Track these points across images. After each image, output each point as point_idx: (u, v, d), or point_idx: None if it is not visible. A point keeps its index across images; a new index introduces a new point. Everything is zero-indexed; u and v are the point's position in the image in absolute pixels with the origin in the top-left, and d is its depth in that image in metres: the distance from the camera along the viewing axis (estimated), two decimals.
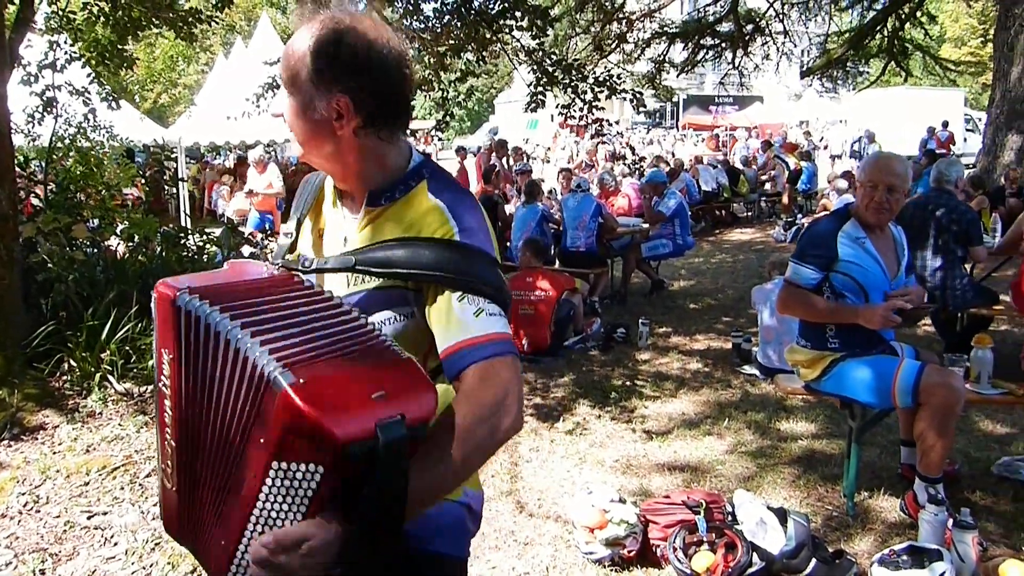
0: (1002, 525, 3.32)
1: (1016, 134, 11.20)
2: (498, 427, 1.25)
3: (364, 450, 1.06)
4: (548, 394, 5.28)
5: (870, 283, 3.27)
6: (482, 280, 1.30)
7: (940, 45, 38.44)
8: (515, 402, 1.27)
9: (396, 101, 1.37)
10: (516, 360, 1.30)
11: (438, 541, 1.42)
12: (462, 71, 7.75)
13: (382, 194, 1.40)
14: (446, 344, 1.29)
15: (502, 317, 1.32)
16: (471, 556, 3.09)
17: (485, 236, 1.36)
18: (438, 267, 1.29)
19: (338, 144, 1.36)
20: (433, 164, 1.47)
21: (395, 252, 1.32)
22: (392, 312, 1.36)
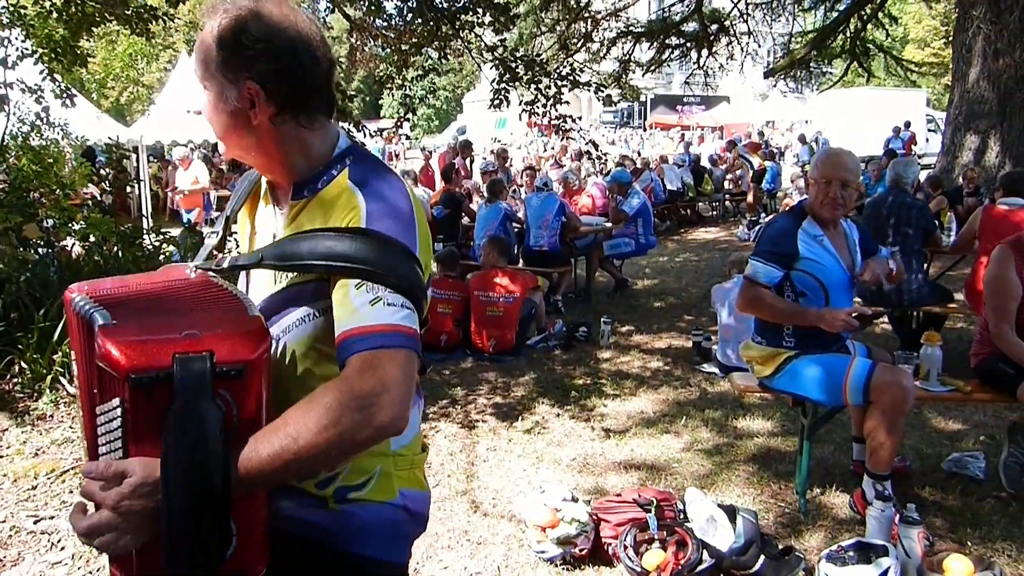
0: (949, 520, 3.36)
1: (974, 134, 11.39)
2: (368, 422, 1.15)
3: (153, 380, 1.09)
4: (508, 393, 5.27)
5: (830, 280, 3.30)
6: (386, 269, 1.23)
7: (903, 46, 39.07)
8: (395, 400, 1.17)
9: (311, 85, 1.33)
10: (409, 355, 1.21)
11: (367, 544, 1.37)
12: (424, 68, 7.70)
13: (305, 186, 1.37)
14: (338, 332, 1.23)
15: (404, 309, 1.23)
16: (424, 557, 3.08)
17: (400, 225, 1.29)
18: (337, 256, 1.23)
19: (257, 134, 1.33)
20: (359, 150, 1.42)
21: (298, 245, 1.27)
22: (311, 307, 1.32)
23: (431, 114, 47.20)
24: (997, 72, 10.99)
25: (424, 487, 1.50)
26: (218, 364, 1.12)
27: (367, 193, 1.30)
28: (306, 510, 1.35)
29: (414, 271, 1.27)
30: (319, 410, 1.15)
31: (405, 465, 1.44)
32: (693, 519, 2.98)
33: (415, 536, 1.49)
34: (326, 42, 1.38)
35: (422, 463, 1.50)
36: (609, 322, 6.55)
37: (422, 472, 1.50)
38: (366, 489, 1.37)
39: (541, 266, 7.61)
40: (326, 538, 1.36)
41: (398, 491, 1.41)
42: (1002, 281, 3.45)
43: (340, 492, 1.35)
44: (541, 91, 7.58)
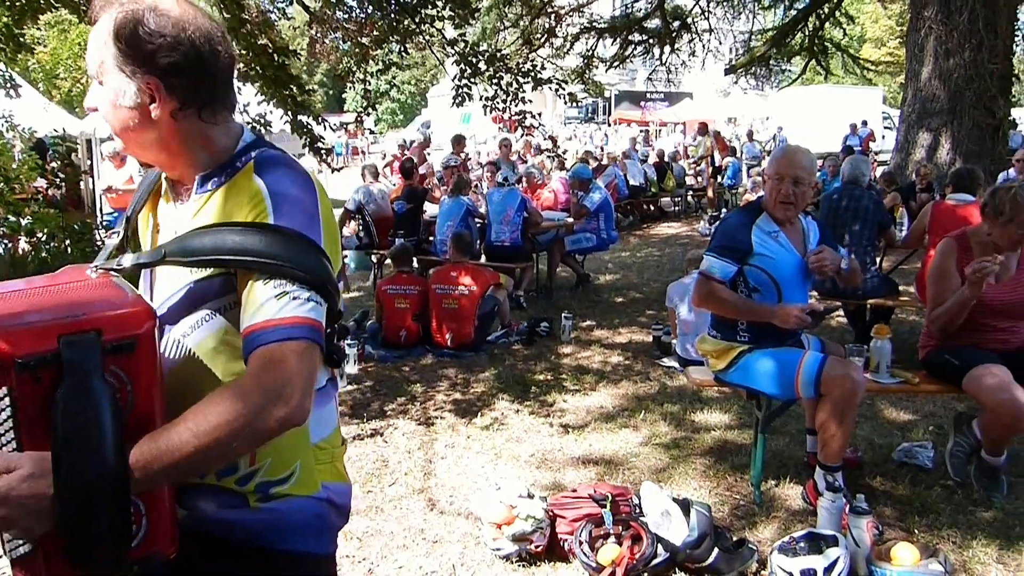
0: (898, 509, 3.42)
1: (927, 132, 11.62)
2: (270, 414, 1.16)
3: (40, 363, 1.08)
4: (468, 389, 5.25)
5: (783, 276, 3.33)
6: (292, 264, 1.23)
7: (861, 45, 39.73)
8: (296, 392, 1.18)
9: (212, 79, 1.33)
10: (311, 348, 1.22)
11: (293, 538, 1.37)
12: (385, 62, 7.63)
13: (209, 179, 1.35)
14: (243, 327, 1.23)
15: (310, 302, 1.23)
16: (379, 556, 3.06)
17: (306, 218, 1.29)
18: (243, 251, 1.22)
19: (158, 130, 1.31)
20: (264, 143, 1.41)
21: (201, 239, 1.25)
22: (219, 302, 1.31)
23: (395, 108, 46.92)
24: (948, 71, 11.23)
25: (345, 479, 1.51)
26: (107, 341, 1.12)
27: (272, 186, 1.29)
28: (228, 511, 1.34)
29: (321, 264, 1.28)
30: (222, 403, 1.16)
31: (326, 458, 1.44)
32: (648, 513, 3.00)
33: (339, 527, 1.50)
34: (226, 37, 1.37)
35: (342, 456, 1.52)
36: (570, 317, 6.57)
37: (342, 465, 1.52)
38: (289, 483, 1.36)
39: (503, 261, 7.60)
40: (251, 537, 1.35)
41: (320, 484, 1.41)
42: (941, 271, 3.54)
43: (262, 487, 1.34)
44: (502, 87, 7.56)
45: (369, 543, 3.23)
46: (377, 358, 5.96)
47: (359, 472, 3.92)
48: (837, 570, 2.69)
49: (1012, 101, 14.62)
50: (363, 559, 3.12)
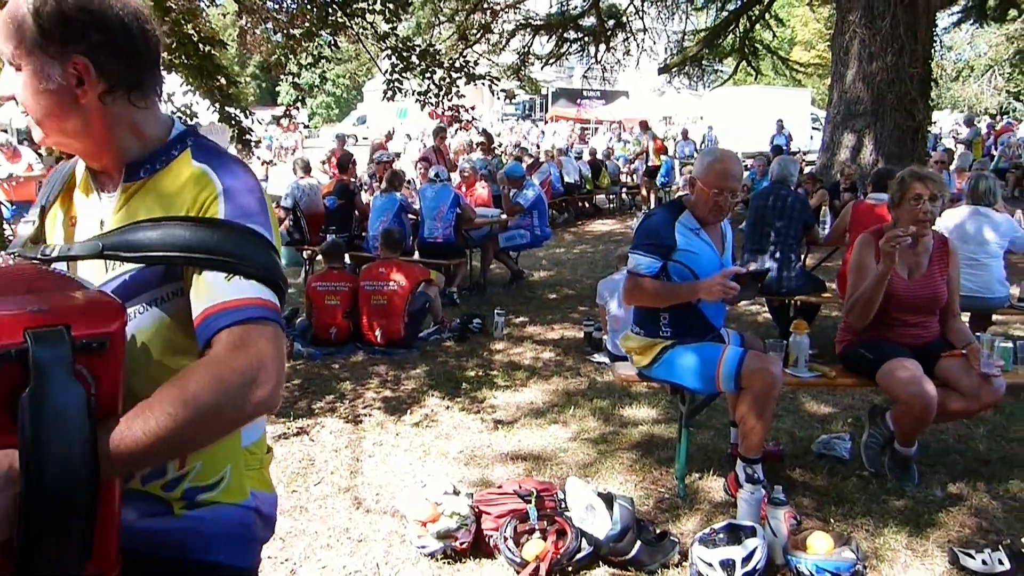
0: (816, 499, 3.52)
1: (851, 133, 11.99)
2: (247, 399, 1.11)
3: (4, 359, 0.99)
4: (399, 387, 5.20)
5: (704, 270, 3.38)
6: (245, 261, 1.19)
7: (791, 48, 40.79)
8: (272, 376, 1.14)
9: (143, 61, 1.26)
10: (278, 330, 1.18)
11: (218, 550, 1.31)
12: (315, 55, 7.49)
13: (141, 166, 1.28)
14: (197, 313, 1.17)
15: (259, 284, 1.19)
16: (303, 557, 3.00)
17: (259, 212, 1.25)
18: (195, 248, 1.17)
19: (84, 116, 1.23)
20: (198, 133, 1.36)
21: (149, 233, 1.19)
22: (158, 292, 1.24)
23: (330, 102, 46.23)
24: (871, 74, 11.60)
25: (272, 489, 1.45)
26: (78, 338, 1.03)
27: (220, 174, 1.25)
28: (152, 520, 1.26)
29: (274, 262, 1.24)
30: (196, 387, 1.09)
31: (255, 464, 1.40)
32: (572, 508, 3.02)
33: (265, 539, 1.44)
34: (150, 14, 1.31)
35: (269, 463, 1.47)
36: (502, 314, 6.57)
37: (268, 473, 1.46)
38: (217, 490, 1.30)
39: (436, 258, 7.56)
40: (173, 550, 1.28)
41: (249, 492, 1.35)
42: (859, 265, 3.65)
43: (190, 493, 1.28)
44: (434, 82, 7.51)
45: (292, 543, 3.17)
46: (306, 356, 5.86)
47: (284, 472, 3.84)
48: (754, 560, 2.75)
49: (932, 105, 15.22)
50: (286, 560, 3.06)
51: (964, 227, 5.16)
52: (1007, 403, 4.65)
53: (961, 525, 3.29)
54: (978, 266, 5.11)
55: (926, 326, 3.64)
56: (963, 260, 5.00)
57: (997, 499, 3.52)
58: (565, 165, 13.41)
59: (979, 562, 2.89)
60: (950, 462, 3.93)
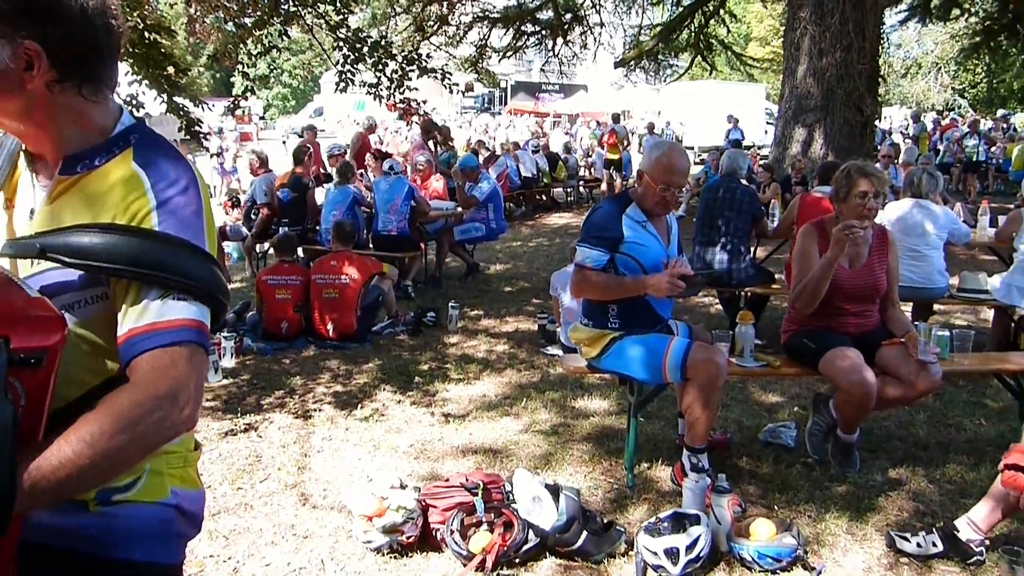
0: (761, 487, 3.58)
1: (802, 127, 12.20)
2: (166, 421, 1.13)
3: None
4: (350, 381, 5.16)
5: (650, 262, 3.41)
6: (182, 275, 1.18)
7: (747, 43, 41.34)
8: (192, 399, 1.16)
9: (101, 55, 1.21)
10: (199, 351, 1.19)
11: (134, 547, 1.28)
12: (265, 45, 7.37)
13: (79, 160, 1.23)
14: (121, 331, 1.17)
15: (193, 304, 1.19)
16: (246, 555, 2.96)
17: (195, 223, 1.23)
18: (133, 261, 1.15)
19: (28, 100, 1.18)
20: (145, 128, 1.30)
21: (91, 239, 1.15)
22: (77, 295, 1.21)
23: (286, 94, 45.61)
24: (822, 70, 11.81)
25: (198, 486, 1.43)
26: (15, 351, 1.00)
27: (156, 182, 1.21)
28: (64, 516, 1.23)
29: (212, 274, 1.22)
30: (116, 413, 1.09)
31: (178, 463, 1.37)
32: (519, 500, 3.02)
33: (189, 537, 1.42)
34: (118, 8, 1.26)
35: (195, 461, 1.44)
36: (457, 307, 6.55)
37: (195, 470, 1.44)
38: (133, 490, 1.28)
39: (391, 251, 7.52)
40: (89, 546, 1.25)
41: (170, 490, 1.33)
42: (804, 254, 3.72)
43: (103, 495, 1.25)
44: (386, 74, 7.45)
45: (236, 541, 3.13)
46: (256, 351, 5.78)
47: (230, 469, 3.79)
48: (698, 548, 2.79)
49: (880, 100, 15.56)
50: (228, 558, 3.01)
51: (906, 219, 5.28)
52: (946, 390, 4.78)
53: (899, 509, 3.38)
54: (919, 257, 5.23)
55: (867, 315, 3.72)
56: (905, 252, 5.13)
57: (934, 483, 3.61)
58: (522, 158, 13.41)
59: (914, 545, 2.97)
60: (891, 448, 4.02)
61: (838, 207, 3.71)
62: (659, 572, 2.77)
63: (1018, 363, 4.00)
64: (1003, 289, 5.33)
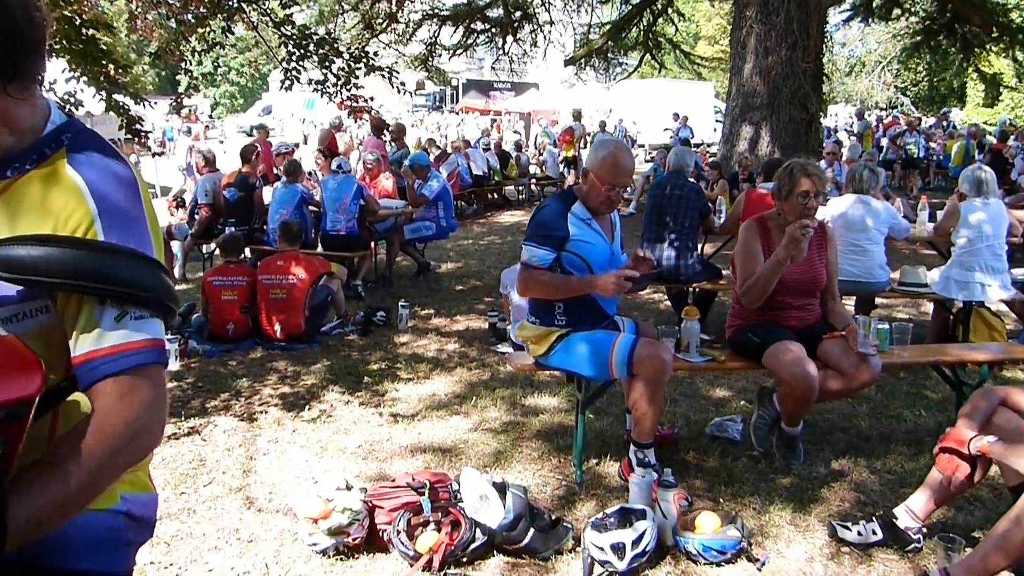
0: (708, 480, 3.61)
1: (749, 125, 12.40)
2: (140, 448, 1.18)
3: None
4: (297, 382, 5.08)
5: (596, 260, 3.42)
6: (131, 284, 1.14)
7: (696, 42, 41.89)
8: (159, 419, 1.19)
9: (26, 49, 1.15)
10: (160, 371, 1.19)
11: (81, 557, 1.24)
12: (208, 42, 7.22)
13: (8, 164, 1.16)
14: (79, 351, 1.14)
15: (151, 320, 1.18)
16: (188, 560, 2.89)
17: (139, 229, 1.19)
18: (78, 274, 1.10)
19: None
20: (79, 127, 1.24)
21: (30, 252, 1.10)
22: (20, 307, 1.15)
23: (234, 92, 44.81)
24: (767, 68, 12.02)
25: (150, 489, 1.40)
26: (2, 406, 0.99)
27: (95, 188, 1.16)
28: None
29: (161, 281, 1.19)
30: (92, 447, 1.11)
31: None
32: (466, 499, 3.00)
33: (140, 542, 1.38)
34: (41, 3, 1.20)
35: (146, 464, 1.40)
36: (407, 306, 6.51)
37: (147, 474, 1.40)
38: None
39: (340, 250, 7.43)
40: (32, 557, 1.20)
41: (120, 496, 1.29)
42: (747, 249, 3.78)
43: None
44: (332, 72, 7.35)
45: (178, 547, 3.05)
46: (202, 353, 5.65)
47: (172, 473, 3.70)
48: (644, 542, 2.80)
49: (825, 98, 15.88)
50: (170, 564, 2.94)
51: (847, 215, 5.40)
52: (888, 382, 4.90)
53: (842, 499, 3.44)
54: (861, 252, 5.35)
55: (808, 309, 3.79)
56: (847, 247, 5.25)
57: (875, 473, 3.69)
58: (473, 156, 13.38)
59: (855, 534, 3.03)
60: (835, 440, 4.10)
61: (780, 204, 3.77)
62: (606, 567, 2.78)
63: (955, 355, 4.12)
64: (941, 282, 5.48)
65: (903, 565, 2.91)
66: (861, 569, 2.90)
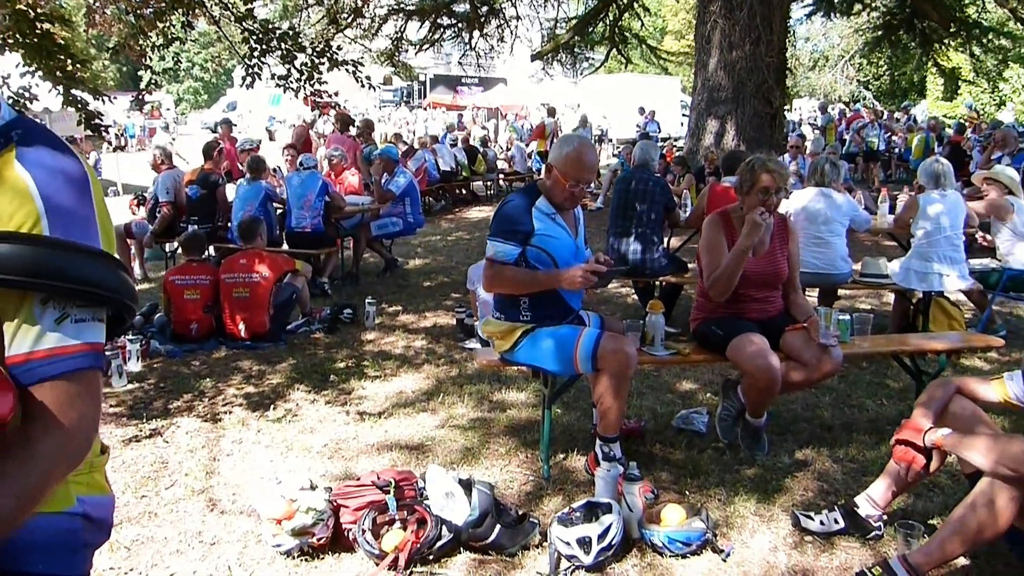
0: (674, 473, 3.63)
1: (714, 119, 12.49)
2: (79, 452, 1.16)
3: None
4: (262, 381, 5.02)
5: (561, 254, 3.41)
6: (76, 280, 1.12)
7: (663, 37, 42.08)
8: (94, 423, 1.18)
9: None
10: (97, 376, 1.18)
11: (36, 560, 1.22)
12: (167, 36, 7.09)
13: None
14: (16, 351, 1.12)
15: (94, 322, 1.16)
16: (149, 565, 2.85)
17: (84, 223, 1.16)
18: (19, 269, 1.08)
19: None
20: (29, 123, 1.22)
21: None
22: None
23: (198, 87, 44.19)
24: (732, 63, 12.11)
25: (106, 491, 1.38)
26: None
27: (43, 185, 1.13)
28: None
29: (102, 271, 1.16)
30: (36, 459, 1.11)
31: (84, 469, 1.31)
32: (431, 496, 2.99)
33: (97, 544, 1.37)
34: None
35: (102, 466, 1.39)
36: (374, 303, 6.46)
37: (103, 476, 1.39)
38: None
39: (305, 248, 7.35)
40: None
41: (75, 498, 1.28)
42: (712, 243, 3.81)
43: None
44: (295, 67, 7.27)
45: (139, 551, 3.00)
46: (165, 353, 5.57)
47: (133, 476, 3.64)
48: (610, 536, 2.81)
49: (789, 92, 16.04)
50: (131, 569, 2.89)
51: (809, 208, 5.46)
52: (850, 372, 4.97)
53: (805, 489, 3.48)
54: (823, 244, 5.42)
55: (770, 301, 3.83)
56: (809, 239, 5.31)
57: (838, 462, 3.74)
58: (440, 152, 13.32)
59: (818, 523, 3.06)
60: (798, 430, 4.15)
61: (742, 198, 3.80)
62: (572, 562, 2.79)
63: (914, 344, 4.19)
64: (901, 273, 5.57)
65: (864, 552, 2.96)
66: (824, 558, 2.94)
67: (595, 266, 3.29)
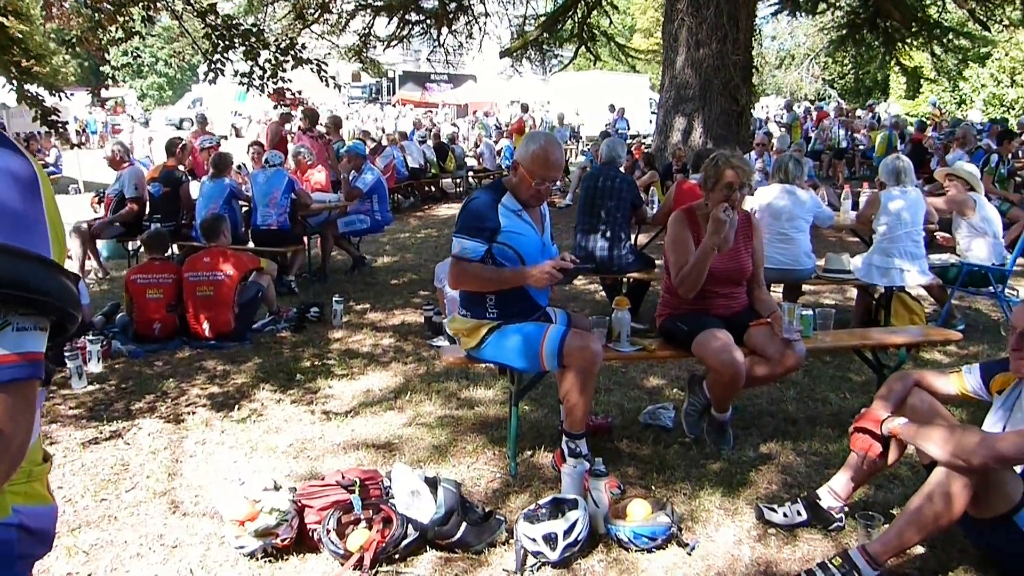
0: (640, 468, 3.65)
1: (681, 117, 12.56)
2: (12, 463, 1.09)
3: None
4: (227, 381, 4.96)
5: (527, 250, 3.41)
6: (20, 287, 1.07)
7: (632, 35, 42.28)
8: (28, 434, 1.11)
9: None
10: (35, 386, 1.13)
11: None
12: (126, 31, 6.95)
13: None
14: None
15: (34, 331, 1.11)
16: (109, 569, 2.80)
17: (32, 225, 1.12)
18: None
19: None
20: None
21: None
22: None
23: (163, 83, 43.53)
24: (699, 61, 12.19)
25: (48, 501, 1.33)
26: None
27: None
28: None
29: (57, 281, 1.11)
30: None
31: (20, 479, 1.26)
32: (397, 495, 2.97)
33: (36, 556, 1.32)
34: None
35: (44, 475, 1.34)
36: (341, 301, 6.41)
37: (44, 485, 1.34)
38: None
39: (271, 245, 7.28)
40: None
41: (11, 509, 1.23)
42: (678, 240, 3.84)
43: None
44: (258, 64, 7.18)
45: (97, 556, 2.95)
46: (127, 354, 5.48)
47: (93, 479, 3.57)
48: (576, 532, 2.81)
49: (756, 90, 16.20)
50: (89, 574, 2.84)
51: (773, 204, 5.51)
52: (814, 366, 5.03)
53: (769, 482, 3.52)
54: (787, 240, 5.47)
55: (735, 296, 3.86)
56: (774, 235, 5.36)
57: (801, 455, 3.79)
58: (409, 149, 13.26)
59: (781, 515, 3.10)
60: (763, 424, 4.19)
61: (707, 196, 3.83)
62: (538, 558, 2.79)
63: (875, 339, 4.25)
64: (863, 269, 5.65)
65: (826, 543, 2.99)
66: (787, 550, 2.97)
67: (561, 263, 3.29)
